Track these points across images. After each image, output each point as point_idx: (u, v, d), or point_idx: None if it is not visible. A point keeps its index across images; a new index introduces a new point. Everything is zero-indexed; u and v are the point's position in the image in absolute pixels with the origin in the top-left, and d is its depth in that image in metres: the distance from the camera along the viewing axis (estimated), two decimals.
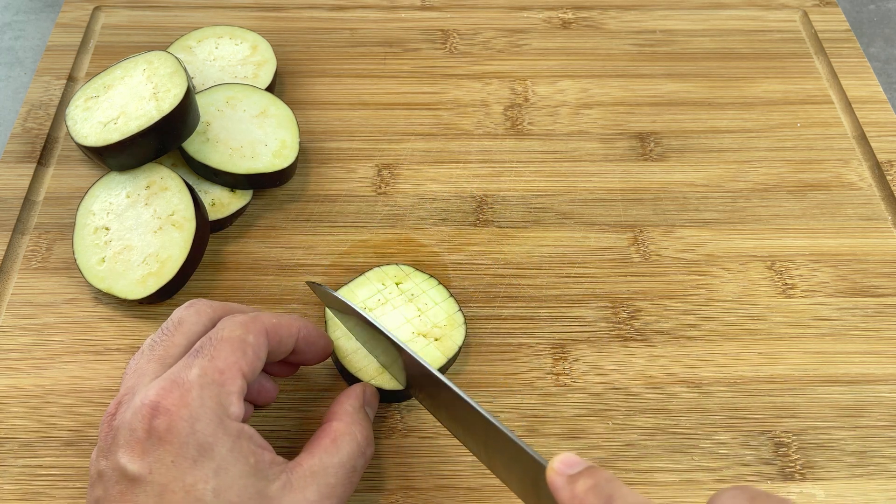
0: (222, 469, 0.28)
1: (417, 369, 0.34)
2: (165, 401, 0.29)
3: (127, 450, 0.28)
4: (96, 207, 0.43)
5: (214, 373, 0.30)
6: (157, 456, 0.28)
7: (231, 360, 0.31)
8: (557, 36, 0.58)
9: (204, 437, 0.29)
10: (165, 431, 0.28)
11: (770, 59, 0.57)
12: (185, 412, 0.29)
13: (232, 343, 0.31)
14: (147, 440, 0.28)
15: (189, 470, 0.28)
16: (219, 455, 0.29)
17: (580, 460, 0.27)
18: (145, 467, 0.28)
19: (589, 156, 0.51)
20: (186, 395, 0.29)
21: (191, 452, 0.28)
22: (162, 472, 0.28)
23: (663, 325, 0.43)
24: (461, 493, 0.37)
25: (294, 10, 0.58)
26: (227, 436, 0.29)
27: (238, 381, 0.31)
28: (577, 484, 0.26)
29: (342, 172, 0.49)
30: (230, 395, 0.30)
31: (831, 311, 0.44)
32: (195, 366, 0.30)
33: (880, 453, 0.39)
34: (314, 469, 0.31)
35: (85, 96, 0.45)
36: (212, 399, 0.29)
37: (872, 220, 0.48)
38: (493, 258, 0.45)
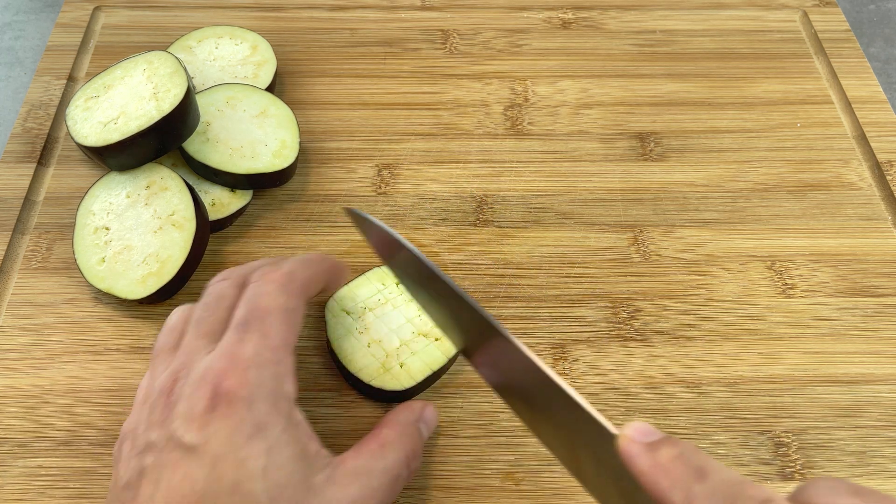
0: (274, 449, 0.29)
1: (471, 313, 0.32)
2: (227, 381, 0.29)
3: (185, 421, 0.29)
4: (96, 207, 0.43)
5: (268, 351, 0.31)
6: (214, 429, 0.28)
7: (282, 337, 0.31)
8: (557, 36, 0.58)
9: (260, 416, 0.29)
10: (225, 407, 0.29)
11: (770, 59, 0.57)
12: (245, 392, 0.29)
13: (279, 316, 0.32)
14: (206, 415, 0.29)
15: (243, 445, 0.28)
16: (272, 435, 0.29)
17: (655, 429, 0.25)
18: (202, 438, 0.28)
19: (589, 156, 0.51)
20: (245, 374, 0.30)
21: (247, 429, 0.29)
22: (217, 444, 0.28)
23: (663, 325, 0.43)
24: (461, 493, 0.37)
25: (294, 10, 0.58)
26: (280, 417, 0.30)
27: (290, 357, 0.31)
28: (660, 452, 0.24)
29: (342, 172, 0.49)
30: (285, 375, 0.31)
31: (831, 311, 0.44)
32: (248, 341, 0.31)
33: (880, 453, 0.39)
34: (358, 469, 0.31)
35: (85, 96, 0.45)
36: (269, 379, 0.30)
37: (872, 220, 0.48)
38: (493, 258, 0.45)
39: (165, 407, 0.30)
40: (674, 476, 0.23)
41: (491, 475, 0.38)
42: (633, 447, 0.25)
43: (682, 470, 0.23)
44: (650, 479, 0.24)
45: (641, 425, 0.25)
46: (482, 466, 0.38)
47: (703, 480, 0.23)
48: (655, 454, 0.24)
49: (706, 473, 0.23)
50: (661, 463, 0.24)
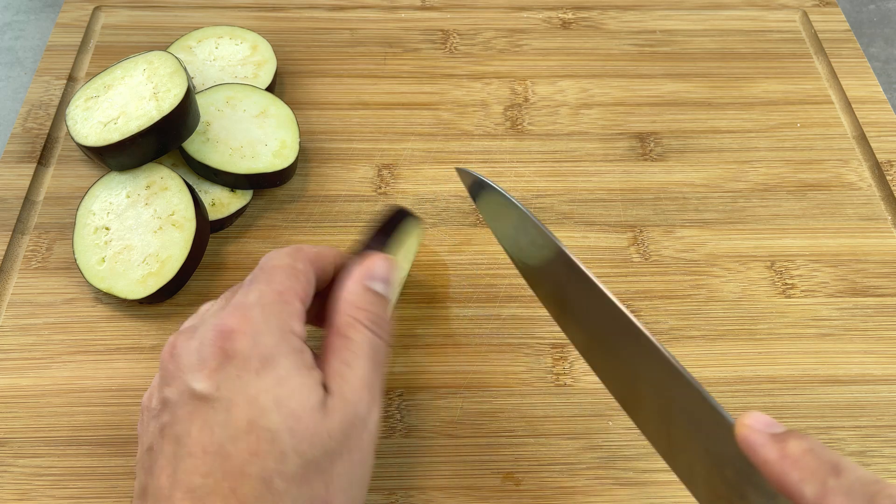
0: (284, 379, 0.29)
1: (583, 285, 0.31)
2: (229, 321, 0.29)
3: (195, 372, 0.29)
4: (96, 207, 0.43)
5: (273, 294, 0.31)
6: (224, 373, 0.28)
7: (287, 284, 0.31)
8: (557, 36, 0.58)
9: (266, 349, 0.29)
10: (231, 348, 0.29)
11: (770, 59, 0.57)
12: (248, 328, 0.29)
13: (284, 270, 0.32)
14: (213, 360, 0.29)
15: (252, 381, 0.28)
16: (281, 366, 0.29)
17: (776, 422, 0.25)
18: (213, 384, 0.28)
19: (589, 156, 0.51)
20: (248, 313, 0.30)
21: (254, 364, 0.29)
22: (228, 386, 0.28)
23: (663, 325, 0.43)
24: (461, 493, 0.37)
25: (294, 10, 0.58)
26: (289, 348, 0.30)
27: (296, 302, 0.31)
28: (789, 444, 0.24)
29: (342, 172, 0.49)
30: (292, 315, 0.31)
31: (831, 311, 0.44)
32: (253, 291, 0.31)
33: (880, 453, 0.39)
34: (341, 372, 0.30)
35: (85, 96, 0.45)
36: (274, 316, 0.30)
37: (872, 220, 0.48)
38: (493, 258, 0.45)
39: (173, 363, 0.30)
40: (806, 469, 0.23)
41: (491, 475, 0.38)
42: (757, 437, 0.25)
43: (817, 464, 0.23)
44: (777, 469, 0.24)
45: (764, 416, 0.25)
46: (482, 466, 0.38)
47: (839, 476, 0.23)
48: (784, 445, 0.24)
49: (841, 469, 0.23)
50: (791, 455, 0.24)
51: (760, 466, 0.24)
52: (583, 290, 0.31)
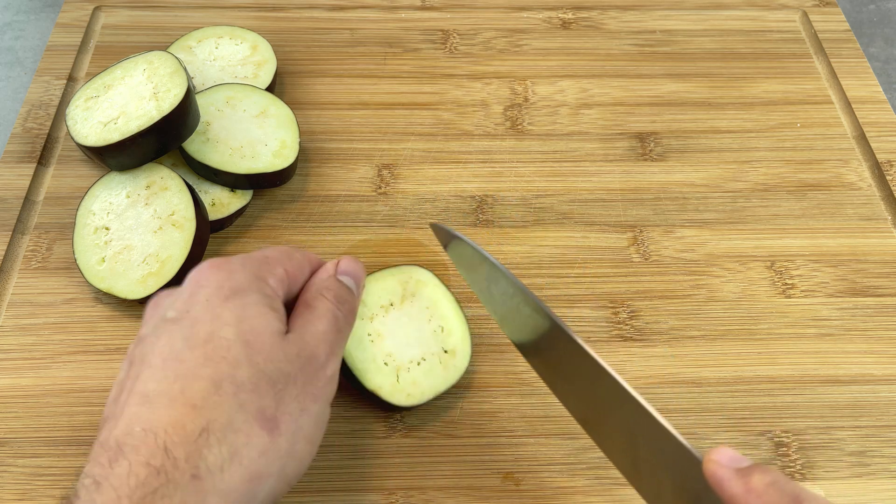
0: (249, 306, 0.31)
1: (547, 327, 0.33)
2: (211, 265, 0.32)
3: (171, 306, 0.31)
4: (96, 207, 0.43)
5: (260, 255, 0.34)
6: (194, 300, 0.31)
7: (275, 255, 0.34)
8: (557, 36, 0.58)
9: (238, 283, 0.31)
10: (206, 280, 0.31)
11: (770, 59, 0.57)
12: (227, 266, 0.32)
13: (277, 249, 0.35)
14: (188, 295, 0.31)
15: (220, 304, 0.30)
16: (249, 299, 0.31)
17: (743, 456, 0.26)
18: (184, 309, 0.31)
19: (589, 156, 0.51)
20: (230, 261, 0.32)
21: (224, 293, 0.31)
22: (196, 308, 0.30)
23: (663, 325, 0.43)
24: (461, 493, 0.37)
25: (294, 10, 0.58)
26: (260, 292, 0.31)
27: (278, 269, 0.33)
28: (753, 478, 0.25)
29: (342, 172, 0.49)
30: (271, 272, 0.33)
31: (831, 311, 0.44)
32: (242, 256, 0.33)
33: (880, 453, 0.39)
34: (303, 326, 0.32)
35: (85, 96, 0.45)
36: (252, 266, 0.32)
37: (872, 220, 0.48)
38: None
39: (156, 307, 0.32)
40: (769, 502, 0.24)
41: (491, 475, 0.38)
42: (724, 472, 0.25)
43: (778, 496, 0.24)
44: (742, 502, 0.25)
45: (730, 452, 0.26)
46: (482, 466, 0.38)
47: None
48: (748, 479, 0.25)
49: (802, 501, 0.24)
50: (755, 488, 0.25)
51: (727, 501, 0.25)
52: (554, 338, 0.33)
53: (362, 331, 0.39)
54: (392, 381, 0.38)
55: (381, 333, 0.39)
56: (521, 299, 0.34)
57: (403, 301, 0.40)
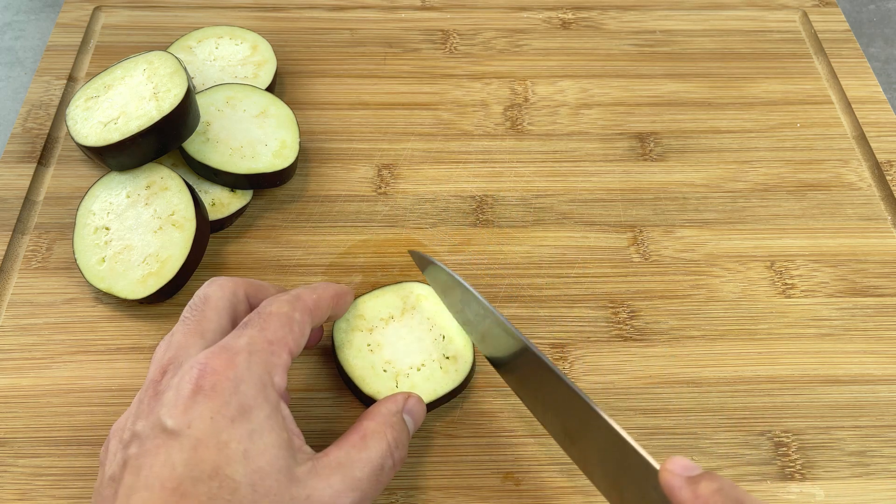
0: (257, 433, 0.29)
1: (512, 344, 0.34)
2: (213, 362, 0.30)
3: (170, 408, 0.29)
4: (96, 207, 0.43)
5: (263, 342, 0.31)
6: (198, 411, 0.29)
7: (280, 334, 0.32)
8: (557, 36, 0.58)
9: (245, 399, 0.29)
10: (210, 389, 0.29)
11: (770, 59, 0.57)
12: (231, 373, 0.29)
13: (280, 318, 0.32)
14: (191, 398, 0.29)
15: (226, 427, 0.28)
16: (256, 419, 0.29)
17: (695, 465, 0.27)
18: (185, 422, 0.28)
19: (589, 156, 0.51)
20: (234, 357, 0.30)
21: (230, 411, 0.29)
22: (200, 426, 0.28)
23: (663, 325, 0.43)
24: (461, 493, 0.37)
25: (294, 10, 0.59)
26: (267, 403, 0.30)
27: (284, 354, 0.32)
28: (701, 486, 0.26)
29: (342, 172, 0.49)
30: (276, 367, 0.31)
31: (831, 311, 0.44)
32: (244, 335, 0.31)
33: (880, 453, 0.39)
34: (341, 460, 0.31)
35: (85, 96, 0.45)
36: (258, 365, 0.30)
37: (872, 220, 0.48)
38: (493, 258, 0.45)
39: (153, 398, 0.30)
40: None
41: (491, 475, 0.38)
42: (675, 480, 0.26)
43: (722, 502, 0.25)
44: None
45: (683, 460, 0.27)
46: (482, 466, 0.38)
47: None
48: (696, 487, 0.26)
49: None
50: (701, 496, 0.25)
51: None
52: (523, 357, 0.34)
53: (361, 341, 0.39)
54: (391, 387, 0.38)
55: (380, 343, 0.39)
56: (492, 321, 0.35)
57: (404, 314, 0.40)
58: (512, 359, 0.36)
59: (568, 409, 0.32)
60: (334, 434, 0.38)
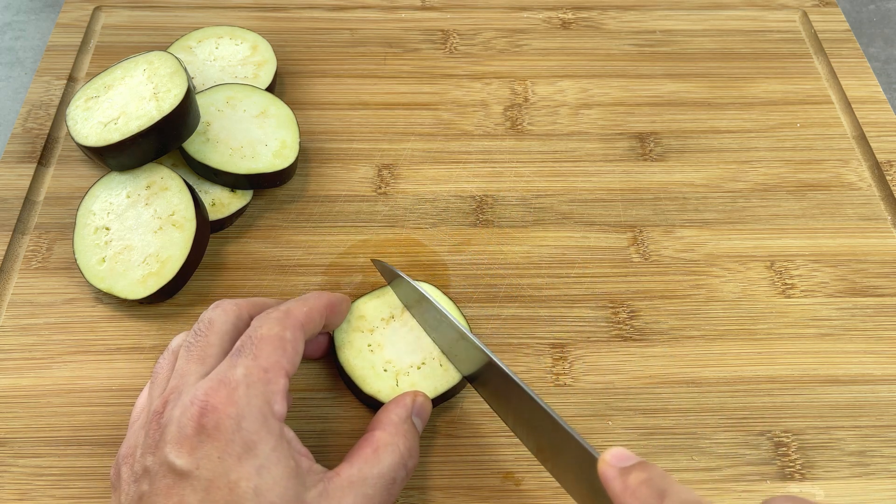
0: (264, 468, 0.29)
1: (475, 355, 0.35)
2: (214, 399, 0.30)
3: (176, 446, 0.29)
4: (96, 207, 0.43)
5: (259, 371, 0.31)
6: (204, 452, 0.29)
7: (273, 359, 0.31)
8: (557, 36, 0.58)
9: (249, 435, 0.29)
10: (213, 428, 0.29)
11: (770, 59, 0.57)
12: (233, 410, 0.30)
13: (272, 342, 0.32)
14: (195, 437, 0.29)
15: (234, 466, 0.29)
16: (262, 454, 0.29)
17: (632, 455, 0.28)
18: (193, 462, 0.29)
19: (589, 156, 0.51)
20: (233, 393, 0.30)
21: (236, 449, 0.29)
22: (209, 467, 0.29)
23: (663, 325, 0.43)
24: (461, 493, 0.37)
25: (294, 10, 0.58)
26: (270, 435, 0.30)
27: (281, 379, 0.31)
28: (630, 476, 0.26)
29: (342, 172, 0.49)
30: (275, 395, 0.31)
31: (831, 311, 0.44)
32: (240, 365, 0.31)
33: (880, 453, 0.39)
34: (353, 479, 0.31)
35: (85, 96, 0.45)
36: (257, 397, 0.30)
37: (872, 220, 0.48)
38: (493, 258, 0.45)
39: (157, 430, 0.30)
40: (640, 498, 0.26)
41: (491, 475, 0.38)
42: (610, 471, 0.27)
43: (647, 493, 0.26)
44: (621, 500, 0.27)
45: (619, 451, 0.28)
46: (482, 466, 0.38)
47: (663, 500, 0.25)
48: (627, 478, 0.27)
49: (666, 495, 0.25)
50: (630, 486, 0.26)
51: (613, 498, 0.27)
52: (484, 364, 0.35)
53: (362, 342, 0.39)
54: (391, 386, 0.38)
55: (381, 344, 0.39)
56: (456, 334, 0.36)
57: (404, 313, 0.40)
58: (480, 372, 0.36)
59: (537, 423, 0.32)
60: (334, 434, 0.38)
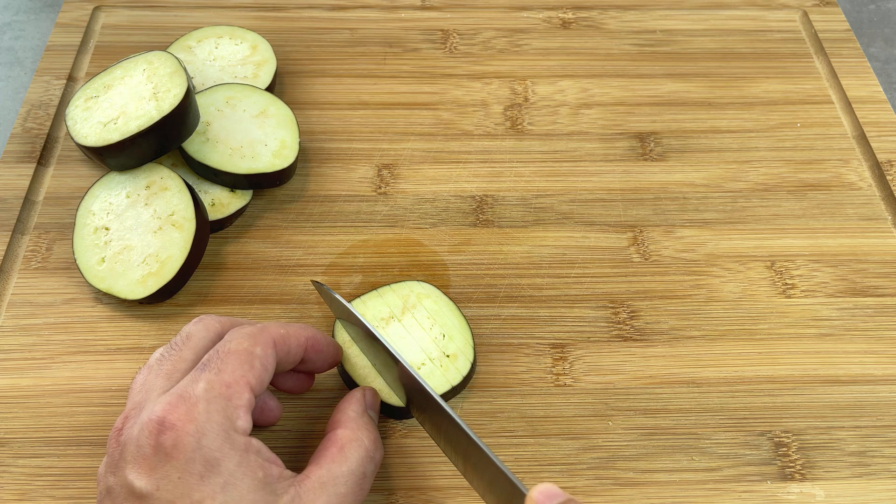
0: (230, 484, 0.28)
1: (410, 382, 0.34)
2: (171, 416, 0.29)
3: (135, 466, 0.28)
4: (96, 207, 0.43)
5: (221, 386, 0.30)
6: (164, 472, 0.28)
7: (238, 374, 0.30)
8: (557, 36, 0.58)
9: (210, 452, 0.28)
10: (172, 447, 0.28)
11: (770, 59, 0.57)
12: (192, 427, 0.28)
13: (239, 356, 0.31)
14: (154, 456, 0.28)
15: (196, 486, 0.28)
16: (226, 470, 0.28)
17: (560, 492, 0.27)
18: (153, 484, 0.28)
19: (589, 156, 0.51)
20: (192, 409, 0.29)
21: (197, 468, 0.28)
22: (169, 488, 0.28)
23: (663, 325, 0.43)
24: (461, 493, 0.37)
25: (294, 10, 0.58)
26: (234, 450, 0.29)
27: (245, 394, 0.30)
28: None
29: (342, 172, 0.49)
30: (237, 409, 0.30)
31: (831, 311, 0.44)
32: (202, 380, 0.30)
33: (880, 453, 0.39)
34: (323, 480, 0.31)
35: (85, 96, 0.45)
36: (218, 413, 0.29)
37: (872, 220, 0.48)
38: (493, 258, 0.45)
39: (117, 449, 0.30)
40: None
41: None
42: None
43: None
44: None
45: (547, 488, 0.28)
46: None
47: None
48: None
49: None
50: None
51: None
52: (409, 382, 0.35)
53: None
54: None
55: None
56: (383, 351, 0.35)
57: (404, 313, 0.40)
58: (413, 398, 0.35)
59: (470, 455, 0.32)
60: None
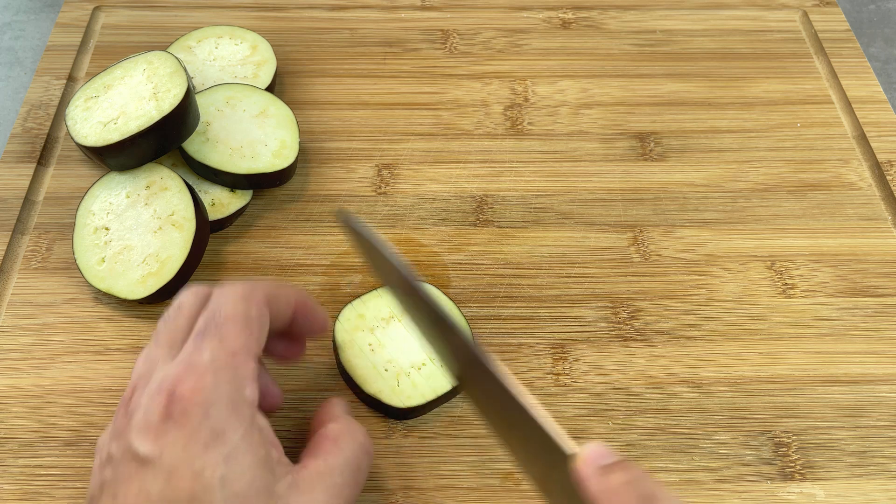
0: (232, 457, 0.28)
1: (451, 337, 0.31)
2: (181, 387, 0.29)
3: (141, 432, 0.28)
4: (96, 207, 0.43)
5: (227, 356, 0.30)
6: (169, 439, 0.28)
7: (241, 342, 0.30)
8: (557, 36, 0.58)
9: (217, 422, 0.28)
10: (180, 415, 0.28)
11: (770, 59, 0.57)
12: (200, 397, 0.28)
13: (237, 322, 0.31)
14: (162, 424, 0.28)
15: (199, 454, 0.28)
16: (231, 442, 0.28)
17: (613, 452, 0.25)
18: (157, 449, 0.28)
19: (589, 156, 0.51)
20: (201, 379, 0.29)
21: (203, 437, 0.28)
22: (172, 454, 0.28)
23: (663, 325, 0.43)
24: (461, 493, 0.37)
25: (294, 10, 0.58)
26: (240, 422, 0.29)
27: (250, 363, 0.30)
28: (611, 477, 0.24)
29: (342, 172, 0.49)
30: (244, 379, 0.30)
31: (831, 311, 0.44)
32: (206, 349, 0.30)
33: (880, 453, 0.39)
34: (320, 470, 0.31)
35: (85, 96, 0.45)
36: (227, 383, 0.29)
37: (872, 220, 0.48)
38: (493, 258, 0.45)
39: (123, 417, 0.30)
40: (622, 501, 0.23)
41: (491, 475, 0.38)
42: (587, 469, 0.25)
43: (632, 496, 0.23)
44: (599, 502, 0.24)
45: (598, 447, 0.25)
46: (482, 466, 0.38)
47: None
48: (607, 478, 0.24)
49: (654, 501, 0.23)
50: (611, 487, 0.24)
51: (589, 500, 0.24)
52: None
53: (363, 341, 0.39)
54: (392, 386, 0.38)
55: (382, 343, 0.39)
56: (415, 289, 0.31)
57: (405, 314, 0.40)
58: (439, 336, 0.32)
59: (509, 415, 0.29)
60: None
